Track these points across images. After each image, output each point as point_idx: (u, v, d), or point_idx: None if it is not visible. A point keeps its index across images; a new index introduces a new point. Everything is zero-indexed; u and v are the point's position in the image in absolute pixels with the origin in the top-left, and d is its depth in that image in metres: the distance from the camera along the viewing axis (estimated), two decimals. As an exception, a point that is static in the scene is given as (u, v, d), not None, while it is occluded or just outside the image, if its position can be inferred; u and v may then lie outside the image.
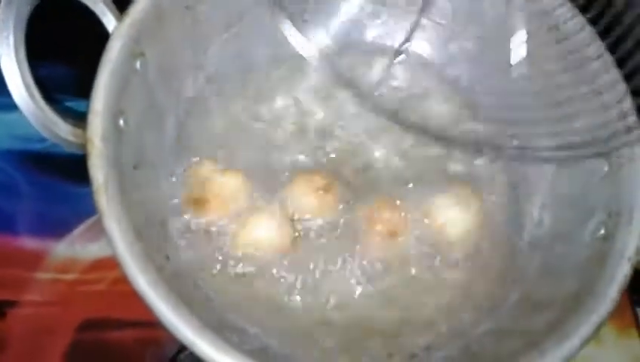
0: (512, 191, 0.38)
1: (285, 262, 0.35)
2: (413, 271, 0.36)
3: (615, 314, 0.38)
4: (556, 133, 0.33)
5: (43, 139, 0.32)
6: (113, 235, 0.28)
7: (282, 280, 0.35)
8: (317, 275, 0.35)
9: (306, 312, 0.34)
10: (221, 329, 0.29)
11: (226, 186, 0.35)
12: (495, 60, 0.39)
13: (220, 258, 0.35)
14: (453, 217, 0.36)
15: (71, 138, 0.30)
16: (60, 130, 0.30)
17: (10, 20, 0.28)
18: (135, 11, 0.32)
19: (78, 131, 0.30)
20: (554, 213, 0.36)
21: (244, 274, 0.35)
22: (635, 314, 0.40)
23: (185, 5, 0.35)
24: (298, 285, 0.35)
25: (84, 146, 0.29)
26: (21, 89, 0.28)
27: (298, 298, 0.35)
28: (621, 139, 0.32)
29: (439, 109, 0.40)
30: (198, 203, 0.35)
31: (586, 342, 0.29)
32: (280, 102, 0.40)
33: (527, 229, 0.37)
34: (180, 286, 0.29)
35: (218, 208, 0.35)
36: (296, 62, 0.40)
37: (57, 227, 0.39)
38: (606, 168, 0.33)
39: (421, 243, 0.36)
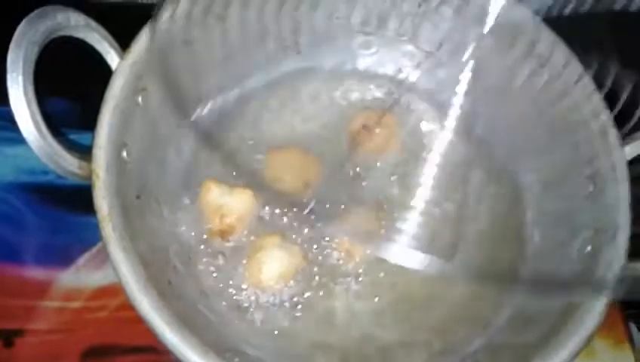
0: (503, 209, 0.39)
1: (286, 289, 0.36)
2: (409, 289, 0.37)
3: (608, 329, 0.40)
4: (541, 154, 0.35)
5: (47, 172, 0.33)
6: (117, 262, 0.29)
7: (282, 305, 0.36)
8: (315, 299, 0.36)
9: (305, 335, 0.35)
10: (222, 351, 0.30)
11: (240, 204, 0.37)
12: (483, 86, 0.40)
13: (222, 284, 0.36)
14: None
15: (77, 170, 0.31)
16: (66, 163, 0.31)
17: (20, 60, 0.29)
18: (136, 49, 0.33)
19: (84, 164, 0.31)
20: (543, 230, 0.37)
21: (244, 300, 0.36)
22: (627, 329, 0.41)
23: (184, 41, 0.36)
24: (297, 312, 0.36)
25: (89, 178, 0.30)
26: (30, 125, 0.30)
27: (297, 323, 0.35)
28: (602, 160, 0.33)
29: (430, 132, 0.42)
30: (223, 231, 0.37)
31: (575, 355, 0.30)
32: (278, 127, 0.41)
33: (519, 246, 0.38)
34: (181, 310, 0.30)
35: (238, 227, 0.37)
36: (290, 89, 0.41)
37: (62, 256, 0.40)
38: (591, 188, 0.35)
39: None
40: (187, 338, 0.28)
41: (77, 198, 0.40)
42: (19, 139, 0.31)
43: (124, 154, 0.32)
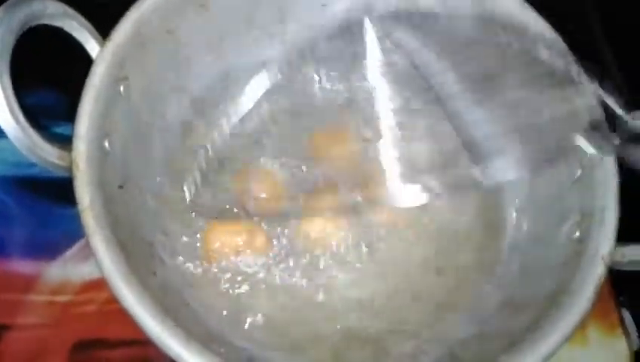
0: (491, 197, 0.39)
1: (273, 276, 0.36)
2: (398, 279, 0.37)
3: (601, 315, 0.40)
4: (527, 141, 0.34)
5: (33, 164, 0.33)
6: (100, 254, 0.29)
7: (270, 294, 0.35)
8: (304, 289, 0.36)
9: (294, 326, 0.35)
10: (209, 342, 0.29)
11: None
12: (465, 72, 0.40)
13: (208, 274, 0.35)
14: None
15: (57, 161, 0.31)
16: (46, 153, 0.31)
17: (-6, 50, 0.29)
18: (117, 37, 0.33)
19: (64, 154, 0.31)
20: (531, 216, 0.37)
21: (231, 290, 0.35)
22: (620, 315, 0.41)
23: (166, 30, 0.36)
24: (286, 302, 0.35)
25: (70, 169, 0.30)
26: (7, 115, 0.29)
27: (286, 313, 0.35)
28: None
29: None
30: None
31: (564, 341, 0.29)
32: (265, 117, 0.41)
33: (507, 233, 0.37)
34: (167, 301, 0.30)
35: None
36: (275, 75, 0.41)
37: (49, 249, 0.39)
38: (579, 172, 0.34)
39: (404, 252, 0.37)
40: (171, 328, 0.28)
41: (63, 191, 0.39)
42: (3, 132, 0.31)
43: (106, 143, 0.32)
